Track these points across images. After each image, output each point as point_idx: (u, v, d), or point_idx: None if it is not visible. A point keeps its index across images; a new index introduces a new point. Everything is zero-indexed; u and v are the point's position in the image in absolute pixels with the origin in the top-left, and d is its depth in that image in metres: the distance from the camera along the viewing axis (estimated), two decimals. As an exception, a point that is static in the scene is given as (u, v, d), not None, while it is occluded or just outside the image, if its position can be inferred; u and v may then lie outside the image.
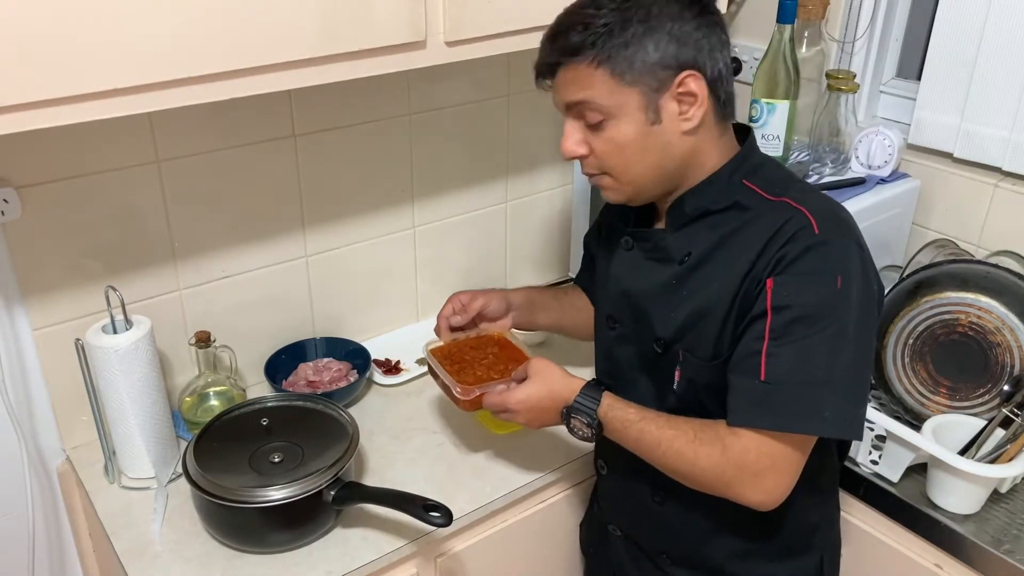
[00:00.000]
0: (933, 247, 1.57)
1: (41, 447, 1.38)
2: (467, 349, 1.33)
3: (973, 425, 1.34)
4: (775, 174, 1.07)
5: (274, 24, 1.01)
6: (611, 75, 0.99)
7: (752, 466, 0.99)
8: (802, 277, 0.96)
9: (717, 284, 1.03)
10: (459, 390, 1.22)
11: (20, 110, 0.89)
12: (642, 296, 1.13)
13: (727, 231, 1.04)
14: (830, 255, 0.97)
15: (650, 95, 1.00)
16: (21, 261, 1.25)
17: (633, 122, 1.01)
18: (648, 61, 0.98)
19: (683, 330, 1.07)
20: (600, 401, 1.09)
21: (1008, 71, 1.50)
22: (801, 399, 0.96)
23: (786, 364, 0.96)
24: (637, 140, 1.02)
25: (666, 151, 1.03)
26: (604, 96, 1.00)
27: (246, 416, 1.29)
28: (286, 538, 1.19)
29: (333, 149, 1.48)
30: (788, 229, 0.98)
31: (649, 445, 1.06)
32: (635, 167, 1.05)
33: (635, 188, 1.07)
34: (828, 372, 0.96)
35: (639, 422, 1.06)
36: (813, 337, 0.95)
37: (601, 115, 1.02)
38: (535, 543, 1.41)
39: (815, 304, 0.96)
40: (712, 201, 1.06)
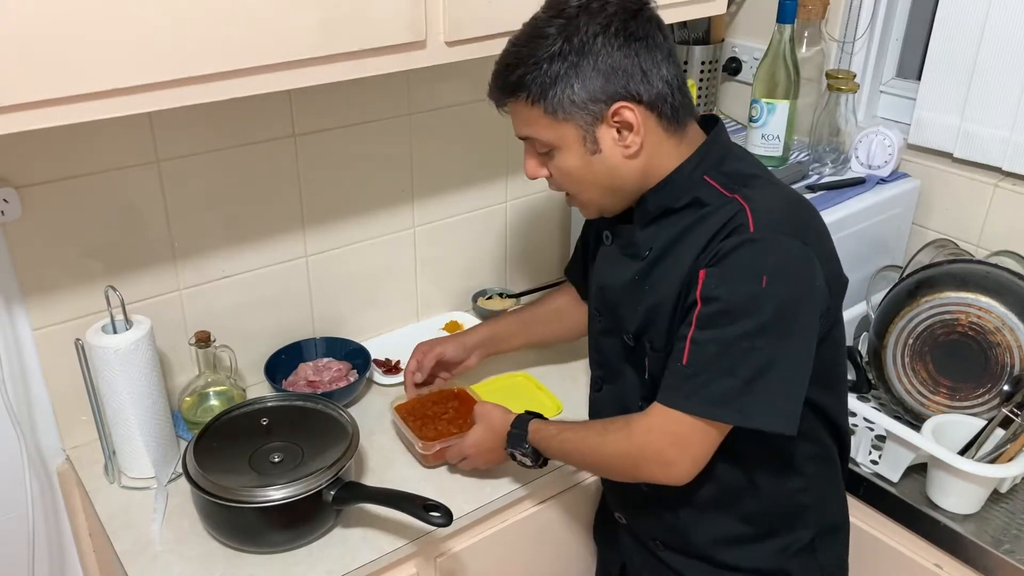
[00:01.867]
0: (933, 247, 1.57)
1: (41, 447, 1.38)
2: (429, 404, 1.42)
3: (973, 425, 1.34)
4: (736, 167, 1.08)
5: (274, 24, 1.01)
6: (544, 113, 1.02)
7: (654, 443, 1.03)
8: (730, 271, 0.98)
9: (669, 278, 1.06)
10: (420, 446, 1.31)
11: (20, 110, 0.89)
12: (613, 290, 1.16)
13: (683, 227, 1.06)
14: (760, 253, 0.98)
15: (586, 128, 1.02)
16: (21, 261, 1.25)
17: (574, 154, 1.05)
18: (576, 99, 1.00)
19: (645, 324, 1.10)
20: (528, 429, 1.18)
21: (1008, 71, 1.50)
22: (713, 387, 0.98)
23: (705, 353, 0.99)
24: (581, 168, 1.06)
25: (614, 175, 1.06)
26: (543, 132, 1.04)
27: (246, 416, 1.29)
28: (286, 538, 1.19)
29: (333, 149, 1.48)
30: (729, 225, 1.00)
31: (571, 452, 1.14)
32: (587, 191, 1.10)
33: (596, 207, 1.12)
34: (744, 367, 0.97)
35: (559, 435, 1.15)
36: (733, 331, 0.97)
37: (546, 147, 1.06)
38: (535, 543, 1.41)
39: (737, 300, 0.97)
40: (672, 199, 1.07)
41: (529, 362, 1.61)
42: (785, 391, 0.99)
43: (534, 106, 1.02)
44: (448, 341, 1.44)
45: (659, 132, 1.04)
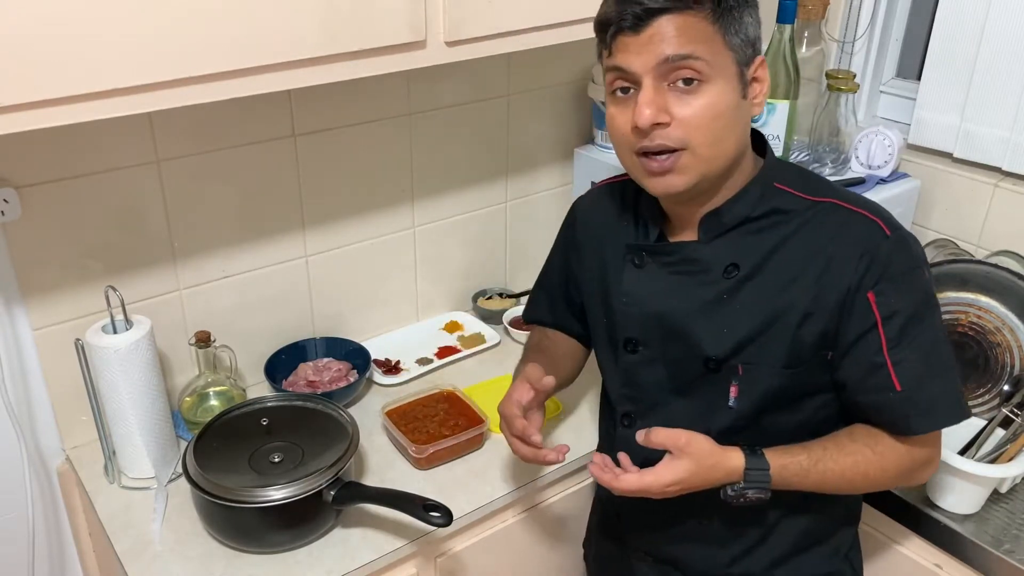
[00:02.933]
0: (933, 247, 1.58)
1: (41, 447, 1.38)
2: (419, 407, 1.43)
3: (973, 425, 1.34)
4: (802, 175, 1.06)
5: (274, 24, 1.01)
6: (722, 35, 0.94)
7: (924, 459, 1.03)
8: (898, 281, 0.97)
9: (782, 293, 1.00)
10: (413, 450, 1.31)
11: (20, 110, 0.89)
12: (679, 315, 1.06)
13: (777, 238, 1.01)
14: (908, 250, 0.98)
15: (741, 67, 0.97)
16: (21, 261, 1.25)
17: (731, 89, 0.96)
18: (748, 33, 0.97)
19: (743, 344, 1.03)
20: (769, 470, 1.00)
21: (1008, 71, 1.50)
22: (939, 395, 0.99)
23: (914, 367, 0.97)
24: (731, 110, 0.96)
25: (745, 131, 1.01)
26: (712, 54, 0.93)
27: (246, 416, 1.29)
28: (286, 538, 1.19)
29: (333, 149, 1.48)
30: (862, 237, 0.98)
31: (835, 481, 1.02)
32: (724, 140, 0.97)
33: (710, 168, 0.98)
34: (947, 359, 1.00)
35: (816, 464, 1.01)
36: (926, 333, 0.98)
37: (702, 76, 0.93)
38: (535, 543, 1.41)
39: (918, 302, 0.98)
40: (752, 207, 1.02)
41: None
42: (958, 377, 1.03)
43: (715, 23, 0.93)
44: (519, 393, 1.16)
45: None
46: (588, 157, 1.73)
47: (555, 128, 1.75)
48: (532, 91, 1.68)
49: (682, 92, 0.94)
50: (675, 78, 0.93)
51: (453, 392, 1.46)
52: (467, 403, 1.43)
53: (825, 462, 1.01)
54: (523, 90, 1.67)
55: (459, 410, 1.42)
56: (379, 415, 1.42)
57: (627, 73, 0.95)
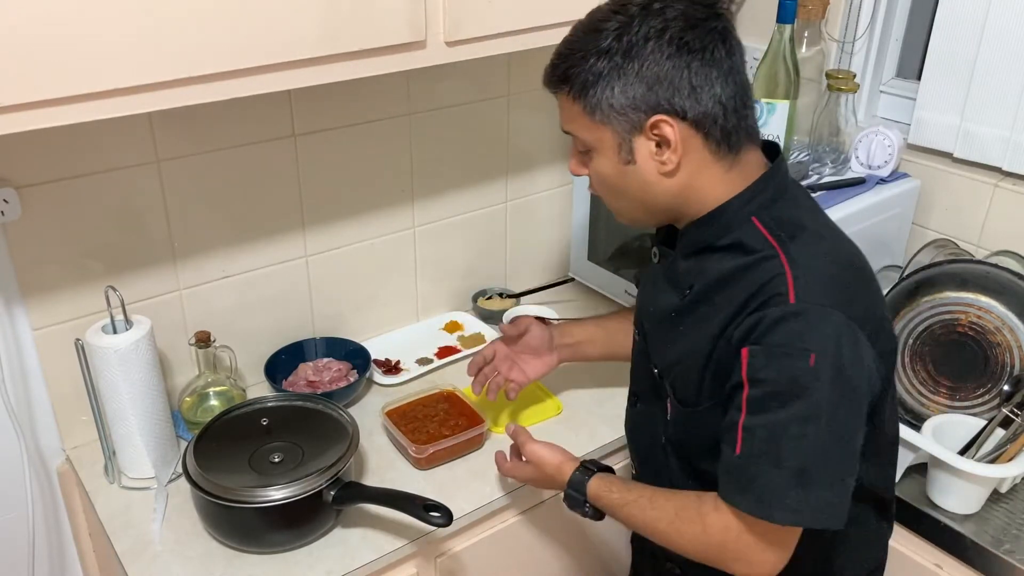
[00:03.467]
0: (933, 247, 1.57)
1: (41, 447, 1.38)
2: (419, 407, 1.43)
3: (973, 425, 1.34)
4: (789, 213, 0.98)
5: (274, 24, 1.01)
6: (583, 111, 0.97)
7: (732, 544, 0.95)
8: (774, 350, 0.90)
9: (703, 328, 0.99)
10: (414, 450, 1.32)
11: (20, 110, 0.89)
12: (650, 317, 1.11)
13: (724, 273, 0.97)
14: (805, 329, 0.89)
15: (623, 135, 0.96)
16: (21, 261, 1.25)
17: (608, 160, 0.99)
18: (615, 103, 0.94)
19: (671, 366, 1.05)
20: (586, 494, 1.10)
21: (1008, 71, 1.50)
22: (762, 481, 0.91)
23: (758, 441, 0.91)
24: (614, 176, 1.00)
25: (647, 190, 0.99)
26: (582, 130, 0.99)
27: (246, 416, 1.29)
28: (286, 538, 1.19)
29: (333, 149, 1.48)
30: (767, 291, 0.92)
31: (638, 527, 1.06)
32: (618, 201, 1.04)
33: (626, 218, 1.06)
34: (793, 456, 0.90)
35: (624, 507, 1.06)
36: (783, 415, 0.90)
37: (585, 146, 1.01)
38: (535, 543, 1.41)
39: (785, 381, 0.90)
40: (713, 236, 0.99)
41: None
42: (834, 483, 0.91)
43: (575, 102, 0.97)
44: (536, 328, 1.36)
45: (704, 154, 0.96)
46: (588, 157, 1.73)
47: (555, 128, 1.73)
48: (532, 91, 1.68)
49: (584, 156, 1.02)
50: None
51: (453, 392, 1.46)
52: (467, 403, 1.43)
53: (630, 508, 1.05)
54: (523, 90, 1.67)
55: (459, 410, 1.42)
56: (379, 415, 1.42)
57: None
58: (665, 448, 1.11)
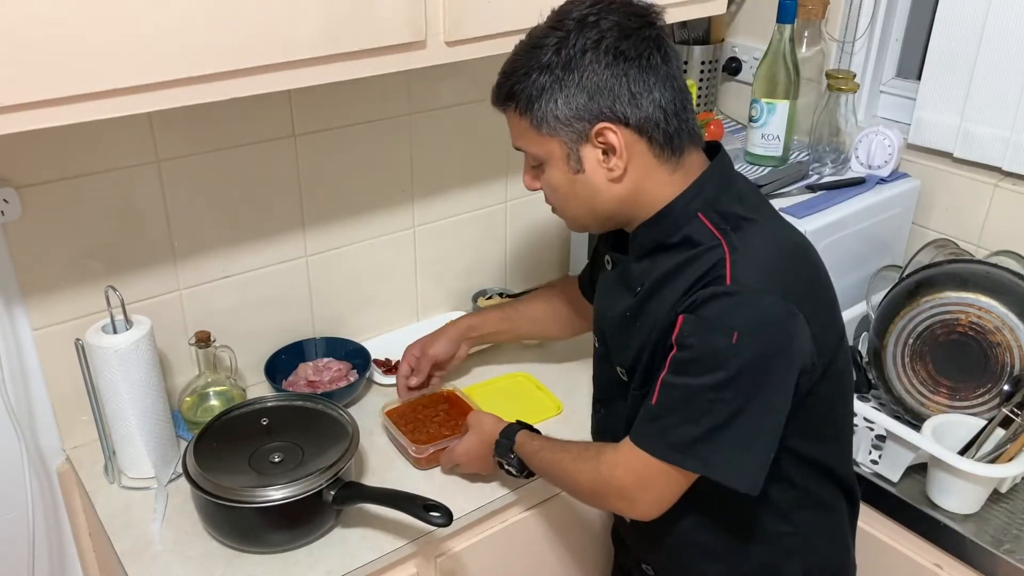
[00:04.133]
0: (933, 247, 1.57)
1: (41, 447, 1.38)
2: (420, 408, 1.44)
3: (973, 425, 1.34)
4: (731, 207, 1.03)
5: (274, 24, 1.01)
6: (530, 125, 1.01)
7: (619, 479, 1.03)
8: (702, 322, 0.96)
9: (655, 319, 1.03)
10: (414, 450, 1.32)
11: (20, 110, 0.89)
12: (607, 320, 1.14)
13: (672, 266, 1.02)
14: (733, 309, 0.95)
15: (571, 145, 1.00)
16: (21, 261, 1.25)
17: (558, 171, 1.03)
18: (559, 115, 0.98)
19: (632, 365, 1.08)
20: (515, 441, 1.19)
21: (1008, 71, 1.50)
22: (676, 432, 0.97)
23: (673, 397, 0.98)
24: (565, 186, 1.04)
25: (596, 196, 1.04)
26: (531, 145, 1.03)
27: (246, 416, 1.29)
28: (286, 538, 1.19)
29: (333, 149, 1.48)
30: (711, 273, 0.98)
31: (547, 471, 1.15)
32: (569, 209, 1.08)
33: (579, 225, 1.11)
34: (708, 417, 0.96)
35: (539, 451, 1.15)
36: (700, 381, 0.96)
37: (536, 160, 1.05)
38: (535, 543, 1.41)
39: (706, 351, 0.95)
40: (664, 235, 1.04)
41: (529, 362, 1.61)
42: (747, 447, 0.97)
43: (522, 117, 1.01)
44: (436, 339, 1.44)
45: (648, 158, 1.01)
46: (588, 157, 1.73)
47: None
48: (532, 91, 1.68)
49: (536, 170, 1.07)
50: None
51: (453, 392, 1.46)
52: (467, 403, 1.43)
53: (546, 452, 1.14)
54: (523, 90, 1.67)
55: (459, 410, 1.42)
56: (379, 415, 1.41)
57: None
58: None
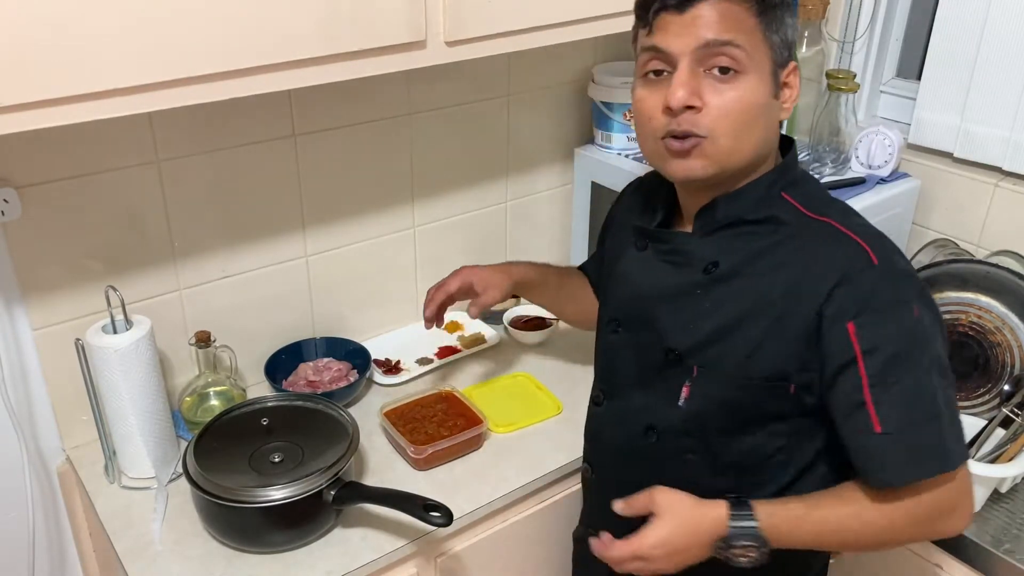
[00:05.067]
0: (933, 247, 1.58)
1: (41, 447, 1.38)
2: (417, 408, 1.43)
3: (973, 425, 1.34)
4: (815, 191, 1.03)
5: (274, 24, 1.01)
6: (762, 28, 0.94)
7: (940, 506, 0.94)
8: (880, 314, 0.91)
9: (752, 301, 0.98)
10: (412, 450, 1.31)
11: (20, 110, 0.89)
12: (655, 301, 1.06)
13: (762, 245, 0.99)
14: (897, 283, 0.93)
15: (776, 67, 0.96)
16: (21, 261, 1.25)
17: (764, 86, 0.95)
18: (786, 34, 0.96)
19: (703, 344, 1.01)
20: (756, 515, 0.95)
21: (1008, 71, 1.50)
22: (924, 442, 0.91)
23: (896, 409, 0.91)
24: (759, 106, 0.95)
25: (769, 131, 0.98)
26: (751, 46, 0.93)
27: (246, 416, 1.29)
28: (286, 538, 1.19)
29: (333, 149, 1.48)
30: (843, 261, 0.93)
31: (833, 532, 0.96)
32: (748, 135, 0.96)
33: (730, 160, 0.97)
34: (937, 405, 0.91)
35: (811, 513, 0.96)
36: (911, 373, 0.91)
37: (738, 66, 0.93)
38: (535, 543, 1.41)
39: (904, 339, 0.91)
40: (747, 210, 1.00)
41: (529, 362, 1.62)
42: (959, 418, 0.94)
43: (757, 17, 0.93)
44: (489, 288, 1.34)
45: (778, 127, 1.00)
46: (588, 157, 1.73)
47: (555, 128, 1.75)
48: (532, 91, 1.68)
49: (717, 80, 0.93)
50: (712, 65, 0.93)
51: (451, 393, 1.46)
52: (465, 403, 1.43)
53: (821, 510, 0.96)
54: (523, 90, 1.67)
55: (458, 410, 1.42)
56: (378, 416, 1.41)
57: (664, 54, 0.95)
58: (660, 442, 1.07)
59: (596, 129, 1.73)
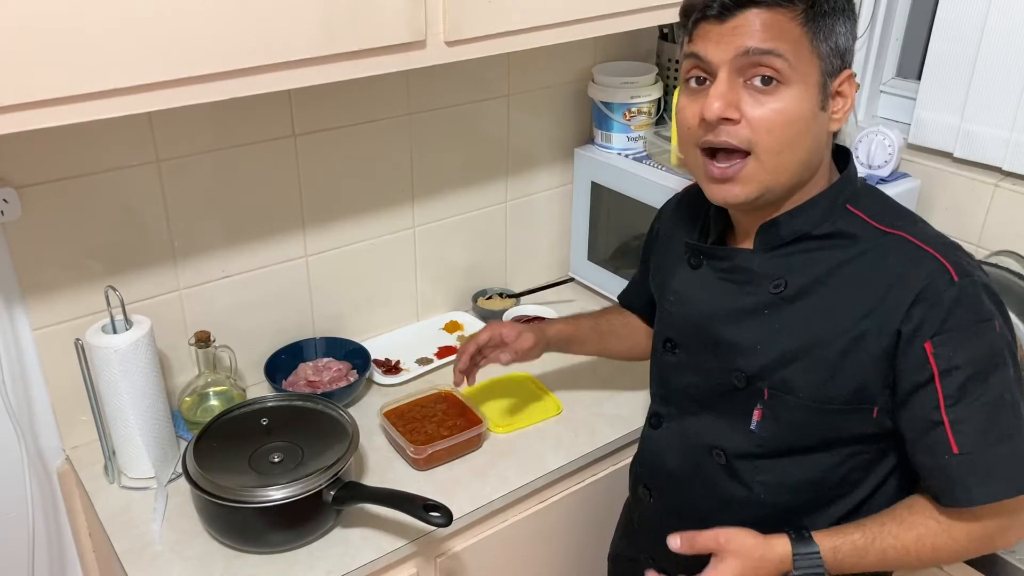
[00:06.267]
0: (933, 247, 1.57)
1: (41, 447, 1.38)
2: (417, 408, 1.43)
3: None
4: (882, 202, 0.99)
5: (274, 24, 1.01)
6: (809, 38, 0.89)
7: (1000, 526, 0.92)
8: (959, 333, 0.88)
9: (825, 321, 0.94)
10: (412, 450, 1.31)
11: (20, 110, 0.89)
12: (718, 322, 1.02)
13: (833, 263, 0.95)
14: (978, 300, 0.89)
15: (825, 77, 0.92)
16: (21, 261, 1.25)
17: (810, 97, 0.90)
18: (837, 43, 0.91)
19: (775, 366, 0.97)
20: (820, 553, 0.94)
21: (1008, 71, 1.50)
22: (1002, 461, 0.89)
23: (974, 429, 0.89)
24: (805, 119, 0.90)
25: (817, 144, 0.94)
26: (796, 56, 0.89)
27: (246, 416, 1.29)
28: (286, 538, 1.19)
29: (333, 149, 1.48)
30: (922, 278, 0.89)
31: (898, 558, 0.94)
32: (792, 150, 0.92)
33: (775, 179, 0.93)
34: (1011, 423, 0.89)
35: (873, 542, 0.94)
36: (992, 392, 0.88)
37: (781, 76, 0.89)
38: (535, 543, 1.41)
39: (983, 357, 0.88)
40: (813, 225, 0.96)
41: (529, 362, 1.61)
42: None
43: (803, 25, 0.89)
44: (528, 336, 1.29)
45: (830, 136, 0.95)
46: (588, 157, 1.73)
47: (555, 128, 1.75)
48: (532, 91, 1.68)
49: (758, 91, 0.90)
50: (753, 75, 0.89)
51: (451, 392, 1.46)
52: (465, 404, 1.43)
53: (884, 538, 0.94)
54: (523, 90, 1.67)
55: (457, 410, 1.42)
56: (378, 415, 1.41)
57: (704, 62, 0.92)
58: (729, 465, 1.04)
59: (596, 129, 1.73)
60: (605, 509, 1.41)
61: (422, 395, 1.45)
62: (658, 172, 1.61)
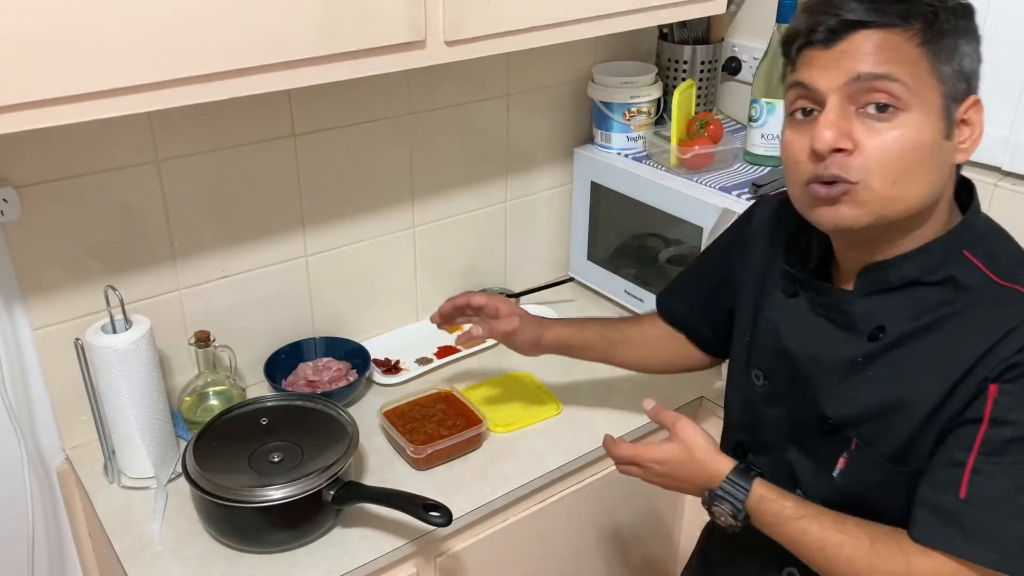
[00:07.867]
0: (933, 247, 1.57)
1: (41, 447, 1.38)
2: (417, 408, 1.43)
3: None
4: (1004, 248, 0.90)
5: (274, 24, 1.01)
6: (929, 60, 0.81)
7: None
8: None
9: (920, 377, 0.87)
10: (412, 450, 1.31)
11: (20, 110, 0.89)
12: (809, 362, 0.96)
13: (939, 314, 0.87)
14: None
15: (948, 102, 0.83)
16: (21, 261, 1.25)
17: (930, 125, 0.82)
18: (961, 65, 0.83)
19: (862, 418, 0.91)
20: (749, 491, 0.93)
21: (1008, 71, 1.50)
22: (1005, 532, 0.81)
23: (995, 488, 0.82)
24: (925, 148, 0.82)
25: (938, 177, 0.85)
26: (914, 79, 0.81)
27: (246, 416, 1.29)
28: (286, 538, 1.19)
29: (333, 149, 1.48)
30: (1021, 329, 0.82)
31: (810, 546, 0.91)
32: (910, 182, 0.83)
33: (888, 209, 0.84)
34: None
35: (799, 519, 0.91)
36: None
37: (899, 102, 0.81)
38: (535, 543, 1.41)
39: None
40: (925, 271, 0.88)
41: (529, 361, 1.61)
42: None
43: (921, 47, 0.81)
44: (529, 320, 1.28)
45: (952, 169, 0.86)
46: (588, 157, 1.73)
47: (555, 128, 1.76)
48: (532, 91, 1.69)
49: (872, 119, 0.82)
50: (866, 102, 0.82)
51: (451, 392, 1.46)
52: (465, 403, 1.43)
53: (809, 522, 0.91)
54: (523, 90, 1.67)
55: (457, 410, 1.42)
56: (378, 415, 1.42)
57: (811, 91, 0.85)
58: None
59: (596, 129, 1.73)
60: (605, 509, 1.41)
61: (422, 395, 1.45)
62: (658, 172, 1.61)
